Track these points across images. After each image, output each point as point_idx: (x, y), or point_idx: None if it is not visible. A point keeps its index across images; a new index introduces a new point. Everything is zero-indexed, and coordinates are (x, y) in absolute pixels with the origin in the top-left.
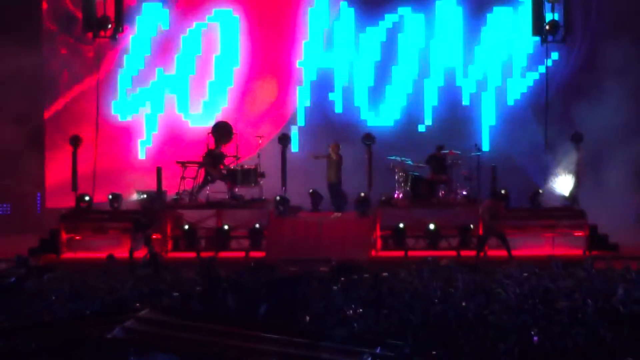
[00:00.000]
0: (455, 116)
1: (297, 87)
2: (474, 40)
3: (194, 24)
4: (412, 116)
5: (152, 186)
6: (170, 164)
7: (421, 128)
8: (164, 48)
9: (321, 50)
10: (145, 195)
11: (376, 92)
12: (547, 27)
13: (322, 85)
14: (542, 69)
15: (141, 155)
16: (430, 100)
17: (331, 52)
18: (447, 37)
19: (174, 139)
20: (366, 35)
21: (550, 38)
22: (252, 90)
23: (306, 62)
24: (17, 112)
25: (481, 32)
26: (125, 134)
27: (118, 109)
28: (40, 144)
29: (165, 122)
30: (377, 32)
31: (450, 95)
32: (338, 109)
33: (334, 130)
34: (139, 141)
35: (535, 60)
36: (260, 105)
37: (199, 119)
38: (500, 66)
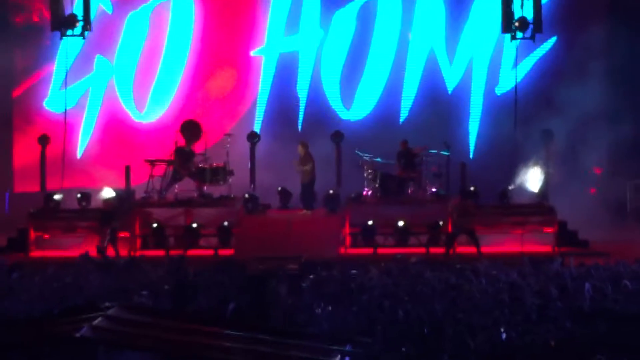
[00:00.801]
0: (432, 109)
1: (259, 76)
2: (455, 29)
3: (140, 6)
4: (387, 108)
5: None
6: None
7: (397, 121)
8: (105, 33)
9: (284, 34)
10: (113, 193)
11: (347, 81)
12: (516, 24)
13: (286, 74)
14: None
15: (80, 152)
16: (409, 91)
17: (296, 36)
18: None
19: (117, 134)
20: (336, 17)
21: (519, 35)
22: (206, 81)
23: (268, 48)
24: None
25: (463, 22)
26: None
27: (52, 103)
28: (7, 138)
29: (106, 116)
30: (347, 15)
31: (428, 86)
32: (304, 101)
33: (299, 124)
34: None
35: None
36: (215, 97)
37: (146, 115)
38: (480, 59)
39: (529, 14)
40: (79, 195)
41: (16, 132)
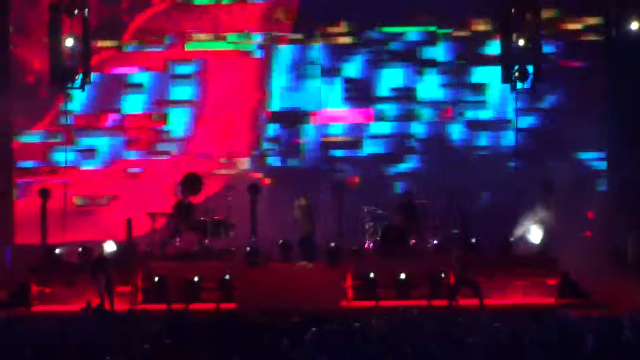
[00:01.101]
0: (436, 158)
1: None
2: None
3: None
4: (389, 157)
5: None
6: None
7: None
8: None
9: (288, 85)
10: (115, 246)
11: (352, 132)
12: (516, 75)
13: (288, 125)
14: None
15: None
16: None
17: (301, 89)
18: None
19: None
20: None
21: (519, 85)
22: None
23: (272, 99)
24: None
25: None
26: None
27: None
28: (7, 194)
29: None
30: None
31: (432, 134)
32: (307, 151)
33: (302, 175)
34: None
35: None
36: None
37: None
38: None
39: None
40: (80, 249)
41: (16, 183)
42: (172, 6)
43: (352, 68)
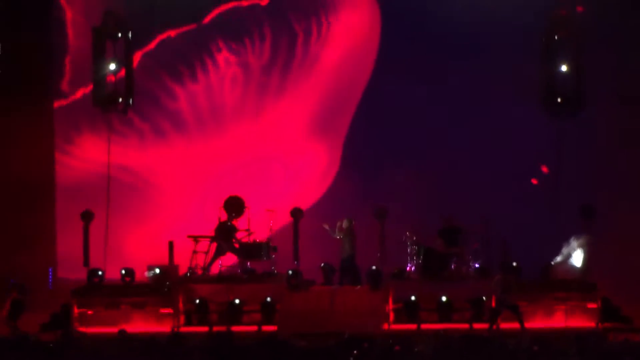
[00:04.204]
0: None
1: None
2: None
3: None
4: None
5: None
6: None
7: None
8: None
9: None
10: (157, 271)
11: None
12: (558, 100)
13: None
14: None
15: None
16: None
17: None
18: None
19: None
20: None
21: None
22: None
23: None
24: (26, 182)
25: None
26: None
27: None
28: (51, 218)
29: None
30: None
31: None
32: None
33: (346, 203)
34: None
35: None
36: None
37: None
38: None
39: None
40: (123, 271)
41: (59, 208)
42: None
43: None
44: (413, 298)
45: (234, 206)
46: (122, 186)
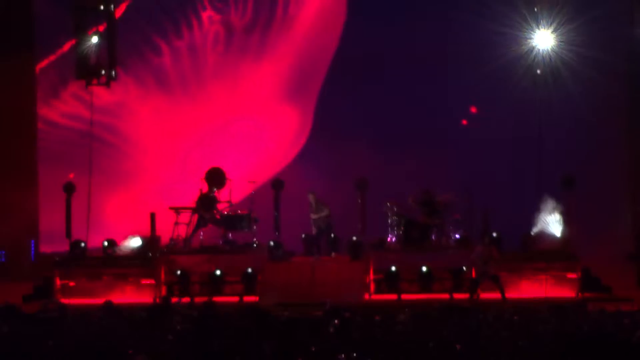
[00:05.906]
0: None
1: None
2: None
3: None
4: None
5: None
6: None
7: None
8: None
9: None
10: (139, 241)
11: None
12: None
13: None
14: None
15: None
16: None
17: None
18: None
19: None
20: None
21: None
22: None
23: None
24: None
25: None
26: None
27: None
28: (34, 189)
29: None
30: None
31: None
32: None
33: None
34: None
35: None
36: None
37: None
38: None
39: None
40: (105, 243)
41: (42, 181)
42: None
43: None
44: (393, 268)
45: (216, 178)
46: (104, 147)
